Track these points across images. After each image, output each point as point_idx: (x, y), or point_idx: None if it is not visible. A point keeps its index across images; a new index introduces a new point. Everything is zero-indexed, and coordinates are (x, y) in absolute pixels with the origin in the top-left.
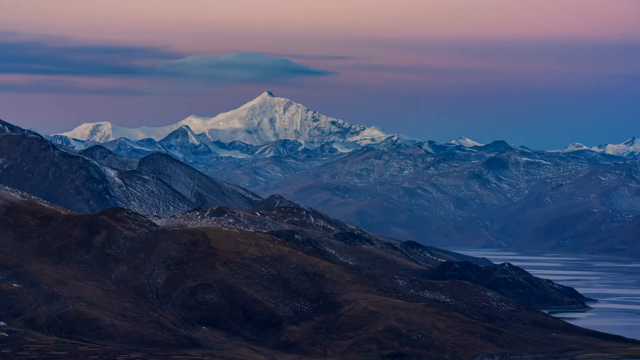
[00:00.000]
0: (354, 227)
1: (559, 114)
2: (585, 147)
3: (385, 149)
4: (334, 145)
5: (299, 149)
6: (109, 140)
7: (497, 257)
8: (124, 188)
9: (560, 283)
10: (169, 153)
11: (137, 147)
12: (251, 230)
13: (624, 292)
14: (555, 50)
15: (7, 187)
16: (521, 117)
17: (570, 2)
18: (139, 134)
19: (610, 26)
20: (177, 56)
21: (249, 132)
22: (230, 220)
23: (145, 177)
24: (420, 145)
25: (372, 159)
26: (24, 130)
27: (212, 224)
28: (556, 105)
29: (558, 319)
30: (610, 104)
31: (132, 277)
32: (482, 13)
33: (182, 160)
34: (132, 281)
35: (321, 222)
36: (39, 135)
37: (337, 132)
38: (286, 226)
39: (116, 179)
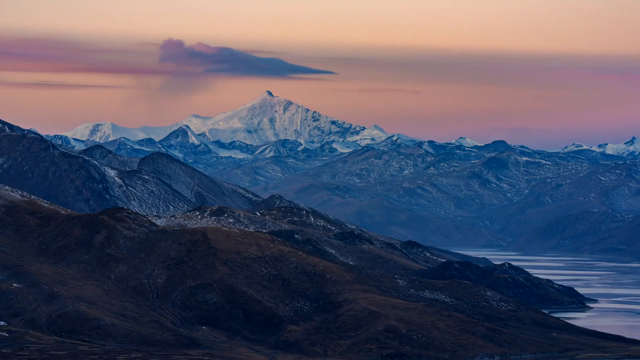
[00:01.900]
0: (354, 227)
1: (559, 113)
2: (585, 147)
3: (385, 149)
4: (334, 145)
5: (299, 149)
6: (109, 140)
7: (497, 257)
8: (124, 188)
9: (560, 283)
10: (169, 153)
11: (137, 147)
12: (251, 230)
13: (623, 292)
14: (555, 56)
15: (7, 187)
16: (521, 117)
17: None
18: (139, 134)
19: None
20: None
21: (249, 132)
22: (230, 220)
23: (145, 177)
24: (420, 145)
25: (372, 159)
26: (24, 130)
27: (212, 223)
28: (556, 104)
29: (558, 318)
30: (610, 104)
31: (132, 277)
32: (483, 20)
33: (182, 160)
34: (132, 281)
35: (321, 222)
36: (39, 135)
37: (337, 132)
38: (286, 226)
39: (116, 178)
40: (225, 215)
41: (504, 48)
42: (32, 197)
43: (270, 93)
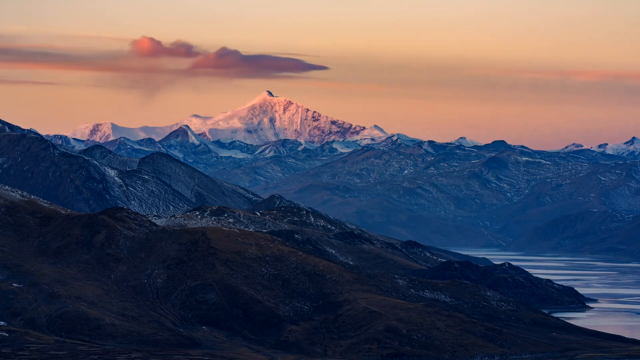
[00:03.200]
0: (354, 227)
1: (559, 113)
2: (585, 147)
3: (385, 149)
4: (334, 145)
5: (299, 149)
6: (109, 140)
7: (497, 256)
8: (124, 188)
9: (560, 283)
10: (169, 153)
11: (137, 147)
12: (251, 230)
13: (623, 292)
14: (554, 58)
15: (7, 187)
16: (521, 117)
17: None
18: (139, 134)
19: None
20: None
21: (249, 131)
22: (230, 220)
23: (145, 177)
24: (420, 145)
25: (372, 159)
26: (24, 130)
27: (212, 223)
28: (556, 104)
29: (558, 318)
30: (610, 104)
31: (132, 277)
32: (484, 25)
33: (182, 160)
34: (132, 281)
35: (321, 222)
36: (39, 135)
37: (337, 131)
38: (286, 226)
39: (116, 178)
40: (225, 215)
41: (505, 52)
42: (32, 197)
43: (270, 93)
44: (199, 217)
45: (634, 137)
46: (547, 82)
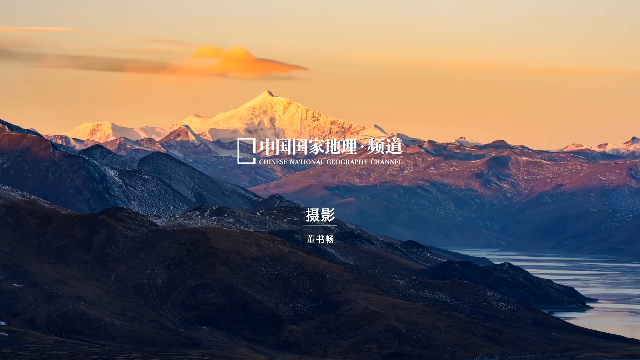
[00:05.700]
0: (354, 227)
1: (559, 113)
2: (585, 147)
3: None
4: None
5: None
6: (109, 140)
7: (497, 256)
8: (124, 188)
9: (560, 283)
10: (169, 153)
11: (137, 147)
12: (251, 230)
13: (623, 292)
14: (554, 54)
15: (7, 187)
16: (521, 117)
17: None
18: (139, 134)
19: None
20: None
21: (249, 131)
22: (230, 220)
23: (145, 176)
24: (420, 145)
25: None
26: (24, 130)
27: (212, 223)
28: (556, 104)
29: (558, 318)
30: (610, 104)
31: (132, 276)
32: (484, 29)
33: (182, 160)
34: (132, 281)
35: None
36: (39, 134)
37: (337, 131)
38: (286, 226)
39: (116, 178)
40: (225, 215)
41: (505, 52)
42: (32, 197)
43: (270, 93)
44: (199, 217)
45: (634, 137)
46: (547, 81)
